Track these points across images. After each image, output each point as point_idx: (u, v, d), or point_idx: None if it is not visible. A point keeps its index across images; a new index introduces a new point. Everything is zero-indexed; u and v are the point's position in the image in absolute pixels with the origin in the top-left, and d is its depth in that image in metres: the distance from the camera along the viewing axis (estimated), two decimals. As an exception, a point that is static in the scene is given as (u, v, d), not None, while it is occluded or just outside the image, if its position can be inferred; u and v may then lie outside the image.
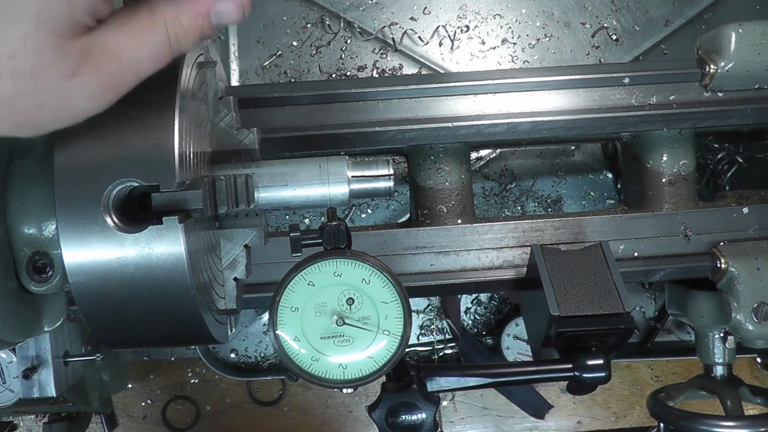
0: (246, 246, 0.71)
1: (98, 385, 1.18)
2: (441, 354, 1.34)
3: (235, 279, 0.71)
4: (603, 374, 0.72)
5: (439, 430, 0.74)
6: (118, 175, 0.56)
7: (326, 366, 0.65)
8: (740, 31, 0.84)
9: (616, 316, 0.77)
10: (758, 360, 1.27)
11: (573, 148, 1.31)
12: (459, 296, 1.32)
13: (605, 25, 1.29)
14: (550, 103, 0.87)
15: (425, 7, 1.28)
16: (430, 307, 1.34)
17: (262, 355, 1.34)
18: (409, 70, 1.29)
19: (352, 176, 0.67)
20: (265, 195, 0.67)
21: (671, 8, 1.29)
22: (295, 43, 1.28)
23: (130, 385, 1.34)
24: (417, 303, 1.33)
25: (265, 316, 1.31)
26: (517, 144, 1.25)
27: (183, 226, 0.56)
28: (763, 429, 0.92)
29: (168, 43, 0.51)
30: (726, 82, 0.86)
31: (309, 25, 1.28)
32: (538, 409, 1.35)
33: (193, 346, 1.31)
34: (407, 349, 0.87)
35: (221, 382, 1.35)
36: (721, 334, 0.99)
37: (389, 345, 0.65)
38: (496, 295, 1.35)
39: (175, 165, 0.56)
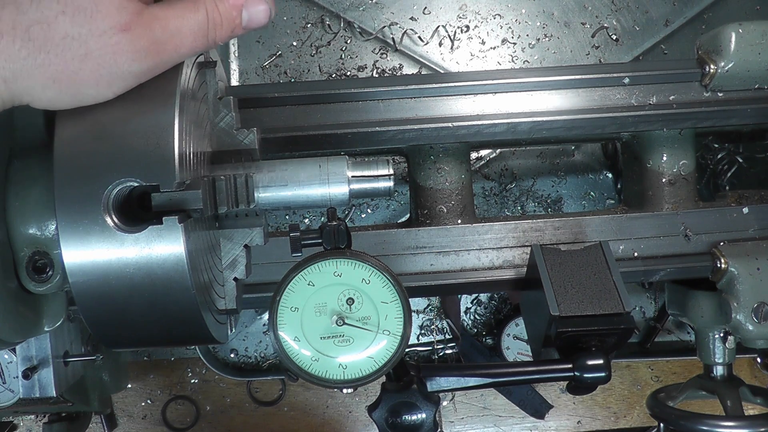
0: (246, 246, 0.71)
1: (98, 385, 1.18)
2: (441, 354, 1.34)
3: (235, 279, 0.71)
4: (603, 374, 0.72)
5: (439, 430, 0.74)
6: (118, 175, 0.56)
7: (326, 366, 0.65)
8: (740, 31, 0.84)
9: (616, 316, 0.77)
10: (758, 360, 1.27)
11: (573, 148, 1.31)
12: (459, 296, 1.32)
13: (605, 25, 1.29)
14: (550, 103, 0.87)
15: (425, 7, 1.28)
16: (430, 307, 1.34)
17: (262, 355, 1.34)
18: (409, 70, 1.29)
19: (352, 176, 0.67)
20: (265, 195, 0.67)
21: (671, 8, 1.29)
22: (295, 43, 1.28)
23: (130, 385, 1.34)
24: (417, 303, 1.33)
25: (265, 316, 1.31)
26: (517, 144, 1.25)
27: (183, 226, 0.56)
28: (763, 429, 0.92)
29: (206, 27, 0.55)
30: (726, 82, 0.86)
31: (309, 25, 1.28)
32: (538, 409, 1.35)
33: (193, 346, 1.31)
34: (407, 349, 0.87)
35: (221, 382, 1.35)
36: (721, 334, 0.99)
37: (389, 345, 0.65)
38: (496, 295, 1.35)
39: (175, 165, 0.56)
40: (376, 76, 1.28)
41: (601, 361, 0.73)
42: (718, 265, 0.88)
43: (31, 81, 0.51)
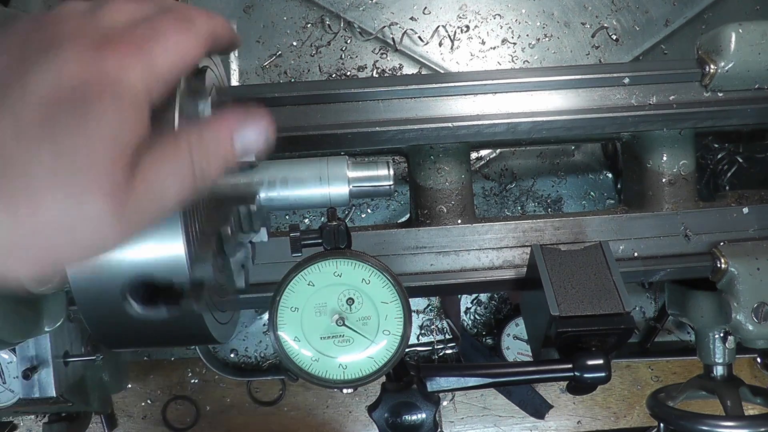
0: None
1: (98, 385, 1.18)
2: (441, 354, 1.34)
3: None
4: (603, 374, 0.72)
5: (439, 430, 0.74)
6: None
7: (326, 366, 0.65)
8: (740, 31, 0.84)
9: (616, 316, 0.77)
10: (758, 360, 1.27)
11: (573, 148, 1.31)
12: (459, 296, 1.32)
13: (605, 25, 1.29)
14: (550, 103, 0.87)
15: (425, 7, 1.28)
16: (430, 307, 1.34)
17: (262, 355, 1.34)
18: (409, 70, 1.29)
19: (352, 176, 0.67)
20: (265, 195, 0.67)
21: (671, 8, 1.29)
22: (295, 43, 1.28)
23: (130, 385, 1.34)
24: (417, 303, 1.33)
25: (265, 316, 1.31)
26: (517, 144, 1.25)
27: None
28: (763, 429, 0.92)
29: (191, 172, 0.46)
30: (726, 82, 0.86)
31: (309, 25, 1.28)
32: (538, 409, 1.35)
33: (193, 346, 1.31)
34: (407, 349, 0.87)
35: (221, 382, 1.35)
36: (721, 334, 0.99)
37: (389, 345, 0.65)
38: (496, 295, 1.35)
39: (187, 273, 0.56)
40: (376, 76, 1.28)
41: (601, 361, 0.73)
42: (718, 265, 0.88)
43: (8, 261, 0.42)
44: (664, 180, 0.93)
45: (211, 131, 0.48)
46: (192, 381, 1.36)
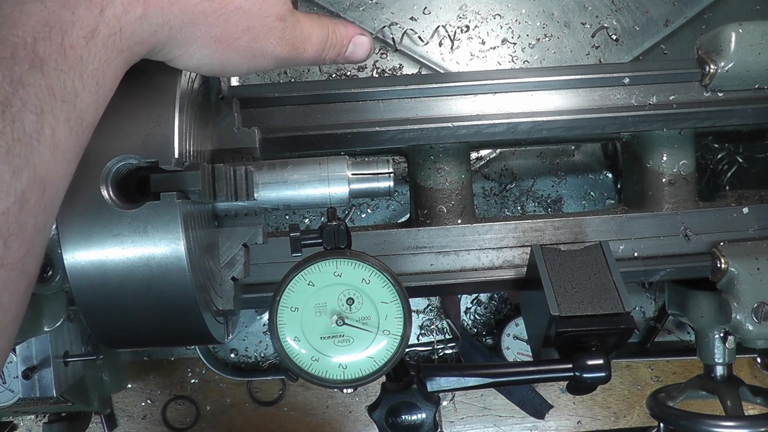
0: (245, 245, 0.71)
1: (98, 385, 1.18)
2: (441, 354, 1.34)
3: (234, 279, 0.71)
4: (603, 374, 0.72)
5: (439, 430, 0.74)
6: (117, 152, 0.56)
7: (326, 366, 0.65)
8: (740, 31, 0.84)
9: (616, 316, 0.77)
10: (758, 360, 1.27)
11: (573, 148, 1.31)
12: (459, 296, 1.32)
13: (605, 25, 1.29)
14: (550, 103, 0.87)
15: (425, 7, 1.28)
16: (430, 307, 1.34)
17: (262, 355, 1.34)
18: (409, 70, 1.29)
19: (352, 174, 0.67)
20: (265, 194, 0.67)
21: (671, 8, 1.29)
22: (295, 43, 1.28)
23: (130, 385, 1.34)
24: (417, 303, 1.33)
25: (265, 316, 1.31)
26: (517, 144, 1.25)
27: (180, 204, 0.56)
28: (763, 429, 0.92)
29: (325, 43, 0.63)
30: (726, 82, 0.86)
31: (309, 25, 1.28)
32: (538, 409, 1.35)
33: (192, 347, 1.31)
34: (407, 349, 0.87)
35: (221, 382, 1.35)
36: (721, 334, 0.99)
37: (389, 345, 0.65)
38: (496, 295, 1.35)
39: (174, 142, 0.56)
40: (376, 76, 1.28)
41: (601, 361, 0.73)
42: (718, 265, 0.88)
43: (195, 35, 0.55)
44: (664, 180, 0.93)
45: (342, 26, 0.65)
46: (192, 381, 1.36)
